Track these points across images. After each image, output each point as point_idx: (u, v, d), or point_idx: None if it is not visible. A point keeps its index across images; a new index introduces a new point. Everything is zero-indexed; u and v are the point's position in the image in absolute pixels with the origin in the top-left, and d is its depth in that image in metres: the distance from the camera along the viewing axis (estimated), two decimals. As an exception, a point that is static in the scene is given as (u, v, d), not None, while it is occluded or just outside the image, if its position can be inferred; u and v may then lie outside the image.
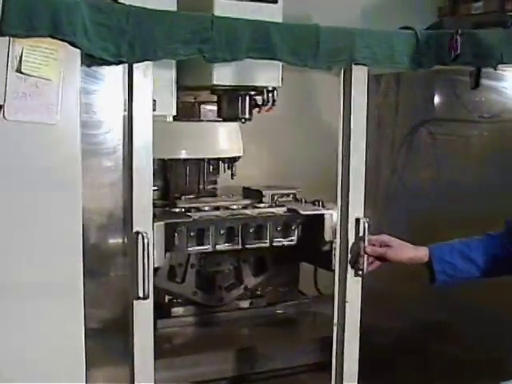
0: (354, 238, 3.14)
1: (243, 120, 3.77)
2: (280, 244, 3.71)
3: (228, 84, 3.54)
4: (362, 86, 3.08)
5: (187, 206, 3.73)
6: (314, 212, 3.75)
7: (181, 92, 3.64)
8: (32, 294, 2.59)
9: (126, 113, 2.77)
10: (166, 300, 3.82)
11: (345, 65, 3.04)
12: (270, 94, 3.71)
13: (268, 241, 3.68)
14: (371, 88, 3.41)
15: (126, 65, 2.71)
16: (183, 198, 3.86)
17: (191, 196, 3.92)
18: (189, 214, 3.60)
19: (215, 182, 4.09)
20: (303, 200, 3.97)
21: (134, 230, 2.77)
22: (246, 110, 3.75)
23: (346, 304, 3.16)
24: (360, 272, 3.14)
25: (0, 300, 2.54)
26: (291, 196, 4.04)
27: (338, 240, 3.16)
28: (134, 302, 2.79)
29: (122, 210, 2.83)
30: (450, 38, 3.10)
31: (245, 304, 3.98)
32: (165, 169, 3.89)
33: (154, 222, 3.23)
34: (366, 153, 3.13)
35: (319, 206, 3.84)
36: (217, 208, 3.75)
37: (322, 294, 4.12)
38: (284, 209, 3.79)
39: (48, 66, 2.51)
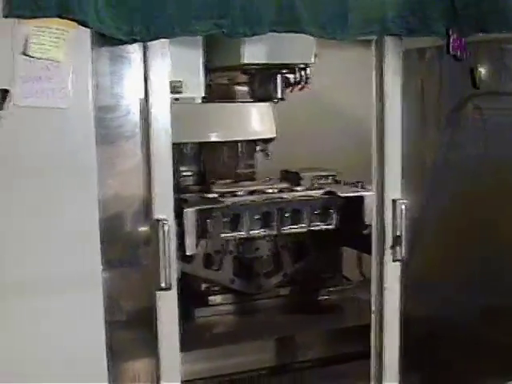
0: (391, 220, 2.94)
1: (276, 100, 3.63)
2: (318, 228, 3.56)
3: (259, 62, 3.42)
4: (395, 59, 2.89)
5: (222, 191, 3.59)
6: (352, 194, 3.59)
7: (214, 74, 3.52)
8: (49, 286, 2.51)
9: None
10: (203, 288, 3.70)
11: (376, 36, 2.83)
12: (303, 72, 3.57)
13: (306, 225, 3.53)
14: (414, 63, 3.20)
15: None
16: (218, 182, 3.73)
17: (227, 181, 3.78)
18: (222, 199, 3.47)
19: (252, 166, 3.95)
20: (343, 182, 3.81)
21: (155, 218, 2.65)
22: (278, 90, 3.62)
23: (384, 290, 2.98)
24: (398, 257, 2.95)
25: (17, 293, 2.45)
26: (331, 178, 3.88)
27: (373, 222, 2.97)
28: (157, 293, 2.66)
29: (143, 197, 2.70)
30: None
31: (285, 291, 3.83)
32: (199, 153, 3.77)
33: (185, 208, 3.15)
34: (402, 130, 2.93)
35: (359, 187, 3.66)
36: (252, 192, 3.61)
37: (366, 279, 3.93)
38: (322, 192, 3.65)
39: (57, 48, 2.39)
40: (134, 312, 2.78)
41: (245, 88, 3.78)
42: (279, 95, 3.61)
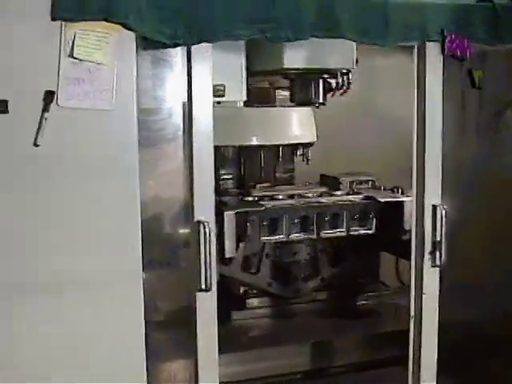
0: (430, 225, 2.92)
1: (317, 105, 3.63)
2: (357, 233, 3.55)
3: (299, 67, 3.42)
4: (436, 65, 2.88)
5: (261, 194, 3.59)
6: (391, 199, 3.57)
7: (254, 78, 3.53)
8: (90, 286, 2.53)
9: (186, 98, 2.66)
10: (241, 291, 3.70)
11: (417, 42, 2.82)
12: (345, 77, 3.57)
13: (344, 230, 3.52)
14: (455, 68, 3.18)
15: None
16: (258, 186, 3.74)
17: (266, 184, 3.78)
18: (261, 202, 3.47)
19: (292, 170, 3.94)
20: (382, 187, 3.78)
21: (196, 220, 2.67)
22: (319, 94, 3.62)
23: (423, 296, 2.98)
24: (437, 262, 2.93)
25: (59, 291, 2.48)
26: (370, 183, 3.85)
27: (413, 228, 2.96)
28: (197, 294, 2.69)
29: (184, 199, 2.73)
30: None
31: (322, 295, 3.81)
32: (239, 157, 3.77)
33: (224, 211, 3.17)
34: (443, 136, 2.92)
35: (398, 192, 3.64)
36: (291, 196, 3.60)
37: (404, 285, 3.91)
38: (361, 196, 3.62)
39: (101, 50, 2.43)
40: (172, 313, 2.80)
41: (285, 92, 3.79)
42: (321, 100, 3.61)
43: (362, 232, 3.55)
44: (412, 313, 2.94)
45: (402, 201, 3.51)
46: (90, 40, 2.39)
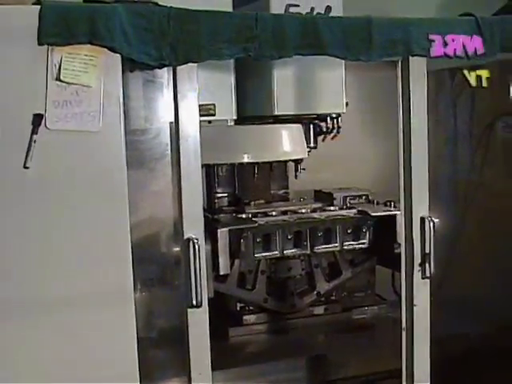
0: (419, 238, 2.94)
1: (308, 149, 3.72)
2: (351, 247, 3.59)
3: (291, 113, 3.52)
4: (421, 79, 2.91)
5: (255, 211, 3.63)
6: (384, 213, 3.60)
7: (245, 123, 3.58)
8: (82, 304, 2.55)
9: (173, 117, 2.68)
10: (238, 308, 3.72)
11: (401, 57, 2.85)
12: (335, 121, 3.65)
13: (338, 244, 3.56)
14: (446, 83, 3.20)
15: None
16: (252, 203, 3.76)
17: (261, 201, 3.81)
18: (255, 219, 3.50)
19: (286, 187, 3.98)
20: (375, 201, 3.82)
21: (185, 237, 2.69)
22: (310, 139, 3.73)
23: (414, 307, 2.98)
24: (427, 274, 2.94)
25: (49, 312, 2.50)
26: (363, 198, 3.89)
27: (402, 241, 2.98)
28: (188, 310, 2.70)
29: (174, 217, 2.76)
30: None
31: (318, 310, 3.83)
32: (233, 174, 3.80)
33: (218, 228, 3.20)
34: (429, 149, 2.94)
35: (391, 206, 3.68)
36: (284, 212, 3.64)
37: (400, 298, 3.92)
38: (354, 211, 3.66)
39: (88, 73, 2.46)
40: (166, 330, 2.81)
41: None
42: (311, 144, 3.73)
43: (356, 246, 3.58)
44: (403, 325, 2.95)
45: (394, 214, 3.54)
46: (77, 63, 2.43)
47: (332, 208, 3.71)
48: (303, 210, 3.67)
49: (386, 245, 3.53)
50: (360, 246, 3.58)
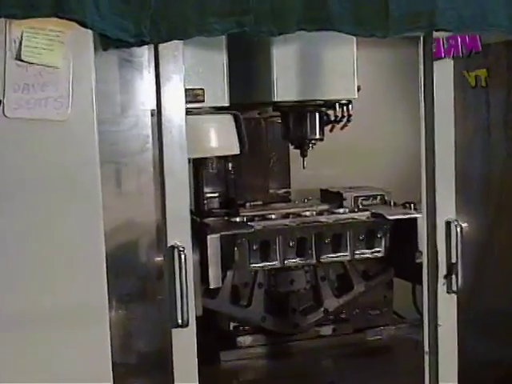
0: (444, 245, 2.94)
1: (313, 141, 3.69)
2: (364, 256, 3.60)
3: (292, 100, 3.51)
4: (446, 60, 2.88)
5: (251, 214, 3.64)
6: (403, 216, 3.60)
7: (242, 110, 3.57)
8: (47, 323, 2.53)
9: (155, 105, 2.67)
10: (231, 328, 3.72)
11: (424, 32, 2.83)
12: (345, 108, 3.62)
13: (349, 253, 3.57)
14: (476, 63, 3.20)
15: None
16: (248, 205, 3.78)
17: (258, 202, 3.84)
18: (251, 223, 3.50)
19: (288, 185, 4.01)
20: (392, 202, 3.82)
21: (169, 244, 2.68)
22: (316, 129, 3.69)
23: (439, 327, 2.98)
24: (454, 288, 2.94)
25: (12, 331, 2.49)
26: (378, 198, 3.89)
27: (424, 248, 2.98)
28: (173, 330, 2.70)
29: (156, 221, 2.75)
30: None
31: (326, 331, 3.84)
32: (225, 171, 3.80)
33: (208, 234, 3.19)
34: (456, 142, 2.94)
35: (411, 208, 3.67)
36: (286, 216, 3.64)
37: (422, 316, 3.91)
38: (367, 214, 3.66)
39: (53, 52, 2.44)
40: (147, 354, 2.80)
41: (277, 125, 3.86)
42: (317, 136, 3.68)
43: (370, 255, 3.59)
44: (426, 348, 2.95)
45: (415, 217, 3.54)
46: (40, 39, 2.41)
47: (341, 210, 3.72)
48: (307, 213, 3.68)
49: (405, 253, 3.53)
50: (375, 254, 3.58)
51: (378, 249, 3.57)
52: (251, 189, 3.79)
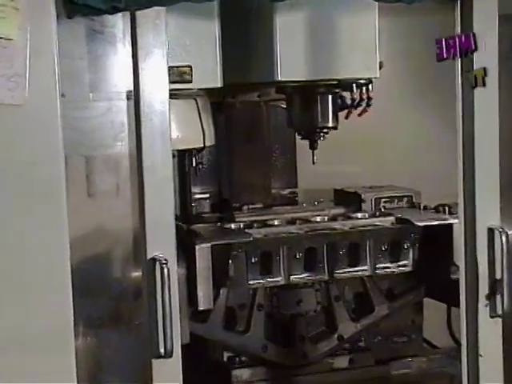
0: (486, 257, 2.95)
1: (325, 130, 3.69)
2: (388, 271, 3.62)
3: (299, 79, 3.51)
4: (491, 27, 2.91)
5: (249, 219, 3.66)
6: (435, 222, 3.61)
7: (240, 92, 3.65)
8: (3, 351, 2.53)
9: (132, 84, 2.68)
10: (225, 358, 3.73)
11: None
12: (364, 90, 3.64)
13: (368, 267, 3.58)
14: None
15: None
16: (246, 208, 3.80)
17: (257, 205, 3.86)
18: (249, 231, 3.51)
19: (295, 185, 4.06)
20: (422, 205, 3.85)
21: (149, 256, 2.69)
22: (328, 116, 3.69)
23: (480, 358, 3.00)
24: (498, 310, 2.96)
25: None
26: (405, 200, 3.92)
27: (462, 261, 2.99)
28: (153, 361, 2.71)
29: (133, 228, 2.76)
30: None
31: (341, 362, 3.84)
32: (218, 167, 3.85)
33: (196, 244, 3.19)
34: (500, 131, 2.96)
35: (445, 212, 3.69)
36: (292, 221, 3.66)
37: (459, 345, 3.93)
38: (391, 219, 3.68)
39: (6, 20, 2.45)
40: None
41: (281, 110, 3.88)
42: (330, 123, 3.69)
43: (395, 270, 3.62)
44: (464, 381, 2.95)
45: (450, 224, 3.55)
46: (-11, 5, 2.42)
47: (360, 215, 3.74)
48: (318, 218, 3.70)
49: (438, 268, 3.56)
50: (401, 269, 3.60)
51: (404, 262, 3.60)
52: (249, 188, 3.80)
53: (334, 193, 3.99)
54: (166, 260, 2.68)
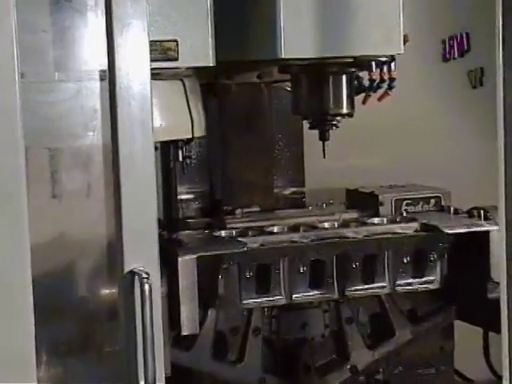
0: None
1: (338, 118, 3.70)
2: (411, 289, 3.66)
3: (308, 57, 3.52)
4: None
5: (243, 225, 3.70)
6: (468, 229, 3.65)
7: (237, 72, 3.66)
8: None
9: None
10: (215, 394, 3.71)
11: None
12: (385, 69, 3.68)
13: (387, 284, 3.64)
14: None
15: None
16: (239, 211, 3.83)
17: (254, 209, 3.89)
18: (242, 239, 3.53)
19: (301, 183, 4.10)
20: (452, 209, 3.88)
21: (127, 269, 2.72)
22: (342, 100, 3.71)
23: (529, 399, 3.01)
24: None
25: None
26: (432, 202, 3.95)
27: (502, 276, 3.02)
28: (133, 397, 2.72)
29: (106, 237, 2.79)
30: None
31: (355, 398, 3.82)
32: (208, 162, 3.90)
33: (180, 255, 3.21)
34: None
35: (480, 218, 3.73)
36: (294, 228, 3.70)
37: (500, 379, 3.95)
38: (415, 225, 3.72)
39: None
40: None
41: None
42: (344, 109, 3.70)
43: (420, 286, 3.66)
44: (506, 427, 2.98)
45: (487, 231, 3.60)
46: None
47: (376, 220, 3.79)
48: (326, 224, 3.74)
49: (471, 285, 3.60)
50: (426, 286, 3.65)
51: (430, 277, 3.65)
52: (247, 188, 3.85)
53: (347, 193, 4.02)
54: (147, 274, 2.70)
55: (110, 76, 2.70)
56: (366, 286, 3.60)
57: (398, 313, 3.82)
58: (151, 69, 2.72)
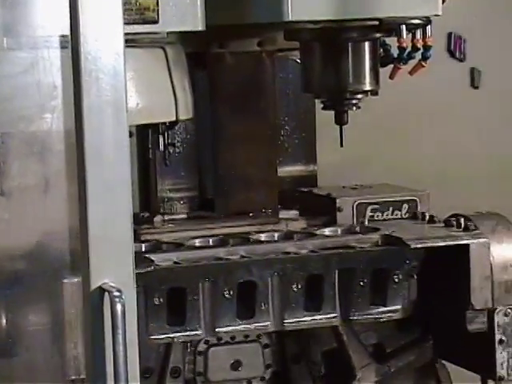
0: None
1: (359, 96, 4.11)
2: (367, 319, 4.12)
3: (322, 19, 3.92)
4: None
5: (159, 237, 4.12)
6: (439, 243, 4.07)
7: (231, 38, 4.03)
8: None
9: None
10: None
11: None
12: (418, 35, 4.04)
13: (338, 313, 4.07)
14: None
15: None
16: (158, 219, 4.28)
17: (178, 216, 4.34)
18: (153, 256, 3.91)
19: (313, 180, 4.49)
20: (427, 216, 4.32)
21: (95, 285, 3.09)
22: (364, 74, 4.13)
23: None
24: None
25: None
26: (405, 207, 4.40)
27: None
28: None
29: (68, 244, 3.12)
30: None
31: None
32: (196, 150, 4.33)
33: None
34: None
35: (459, 227, 4.17)
36: (223, 241, 4.11)
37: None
38: (376, 237, 4.16)
39: None
40: None
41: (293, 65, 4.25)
42: (367, 85, 4.15)
43: (381, 316, 4.15)
44: None
45: (466, 245, 4.06)
46: None
47: (328, 231, 4.26)
48: (263, 236, 4.23)
49: (447, 313, 4.06)
50: (389, 315, 4.12)
51: (395, 305, 4.11)
52: (245, 184, 4.27)
53: (300, 196, 4.46)
54: (119, 291, 3.05)
55: (72, 43, 2.98)
56: (309, 316, 3.99)
57: (360, 348, 4.22)
58: (125, 34, 3.00)
